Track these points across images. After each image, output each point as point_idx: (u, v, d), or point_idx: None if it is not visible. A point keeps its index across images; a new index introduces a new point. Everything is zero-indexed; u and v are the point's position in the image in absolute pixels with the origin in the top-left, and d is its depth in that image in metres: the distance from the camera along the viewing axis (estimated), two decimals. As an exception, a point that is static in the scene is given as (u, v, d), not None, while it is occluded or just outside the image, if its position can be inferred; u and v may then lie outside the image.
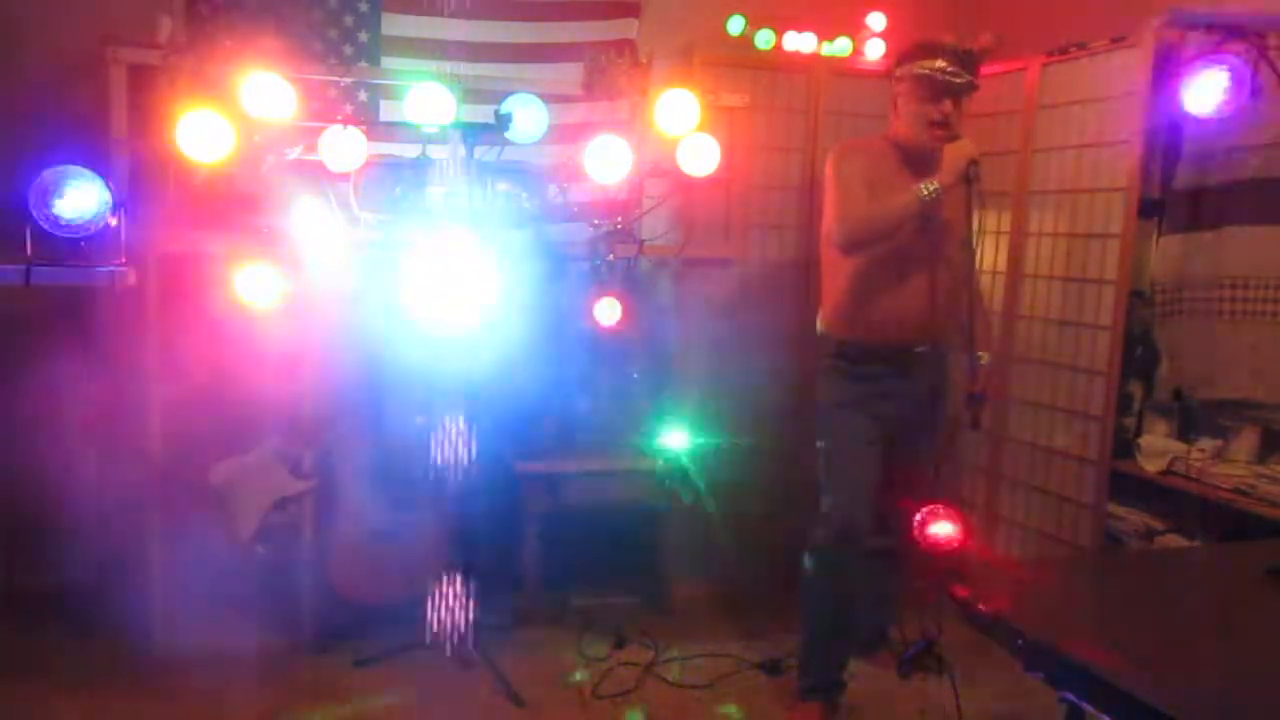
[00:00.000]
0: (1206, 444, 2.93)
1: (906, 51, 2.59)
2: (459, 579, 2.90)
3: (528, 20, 3.34)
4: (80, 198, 2.36)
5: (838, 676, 2.76)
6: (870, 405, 2.64)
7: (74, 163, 2.38)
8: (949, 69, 2.48)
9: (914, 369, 2.65)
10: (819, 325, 2.76)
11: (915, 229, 2.51)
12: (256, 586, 2.95)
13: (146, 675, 2.79)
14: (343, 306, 2.92)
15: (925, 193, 2.42)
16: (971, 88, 2.53)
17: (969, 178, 2.45)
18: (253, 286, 2.65)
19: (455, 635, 2.91)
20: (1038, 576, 1.69)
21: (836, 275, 2.67)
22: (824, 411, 2.72)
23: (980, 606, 1.55)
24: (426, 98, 2.65)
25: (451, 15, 3.23)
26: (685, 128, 2.83)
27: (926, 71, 2.49)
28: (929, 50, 2.51)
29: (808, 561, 2.69)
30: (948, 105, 2.51)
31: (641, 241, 3.24)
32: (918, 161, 2.56)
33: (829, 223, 2.61)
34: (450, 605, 2.91)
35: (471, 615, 2.90)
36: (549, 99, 2.81)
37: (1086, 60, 3.06)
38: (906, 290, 2.59)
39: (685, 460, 3.24)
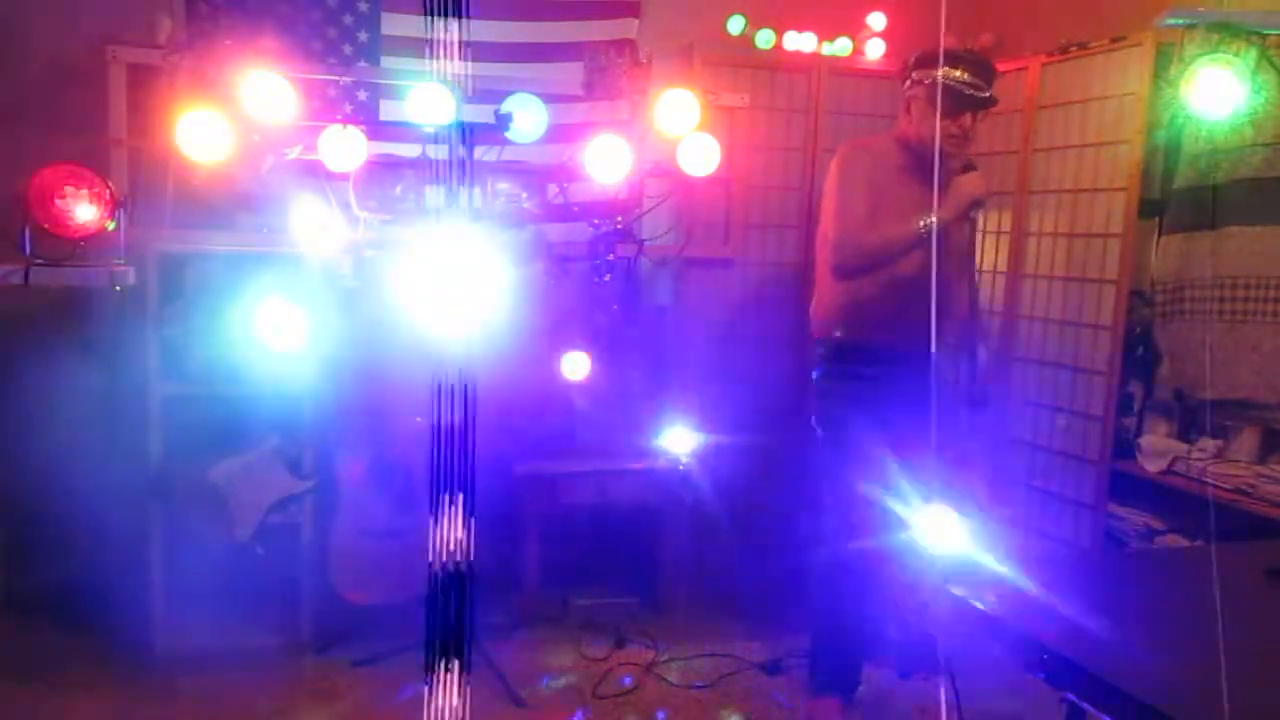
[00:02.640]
0: (1207, 444, 2.93)
1: (927, 56, 2.53)
2: (458, 579, 2.90)
3: (528, 20, 3.34)
4: (80, 197, 2.36)
5: (853, 673, 2.76)
6: (871, 406, 2.63)
7: (74, 162, 2.37)
8: (973, 82, 2.44)
9: (913, 370, 2.64)
10: (815, 326, 2.75)
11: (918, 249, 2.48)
12: (256, 586, 2.95)
13: (146, 675, 2.79)
14: (341, 306, 2.92)
15: (922, 227, 2.39)
16: (992, 103, 2.50)
17: (970, 218, 2.44)
18: (252, 286, 2.65)
19: (455, 635, 2.91)
20: (1038, 576, 1.69)
21: (833, 276, 2.66)
22: (825, 414, 2.72)
23: (980, 606, 1.55)
24: (426, 98, 2.65)
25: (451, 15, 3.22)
26: (685, 128, 2.83)
27: (950, 82, 2.44)
28: (951, 59, 2.45)
29: (817, 564, 2.69)
30: (967, 120, 2.47)
31: (641, 241, 3.24)
32: (925, 166, 2.52)
33: (825, 233, 2.59)
34: (450, 605, 2.90)
35: (471, 615, 2.90)
36: (549, 99, 2.81)
37: (1086, 60, 3.06)
38: (904, 291, 2.58)
39: (686, 460, 3.23)
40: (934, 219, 2.38)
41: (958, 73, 2.43)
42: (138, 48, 2.72)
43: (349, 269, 2.83)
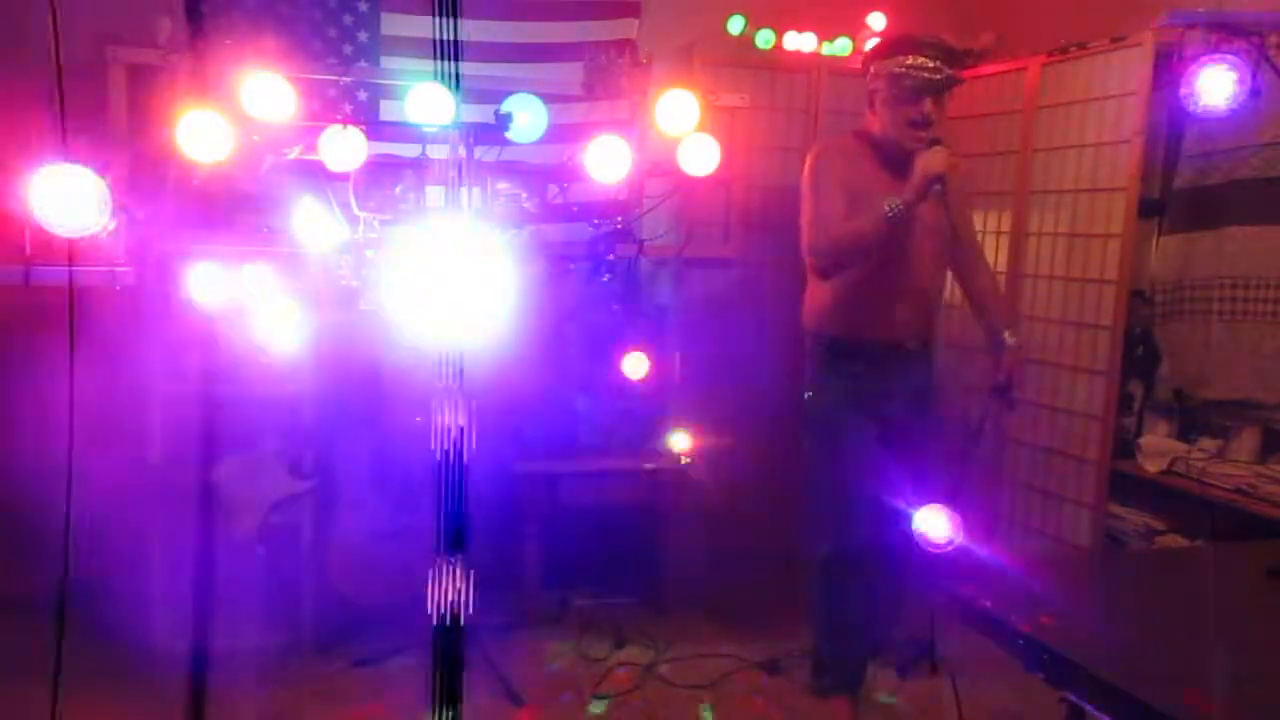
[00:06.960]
0: (1207, 444, 2.93)
1: (882, 48, 2.52)
2: (459, 579, 2.90)
3: (528, 20, 3.34)
4: (80, 198, 2.36)
5: (857, 670, 2.77)
6: (862, 404, 2.63)
7: (74, 162, 2.37)
8: (927, 65, 2.40)
9: (903, 367, 2.64)
10: (805, 324, 2.75)
11: (892, 235, 2.44)
12: (256, 586, 2.95)
13: (146, 675, 2.79)
14: (341, 306, 2.92)
15: (890, 211, 2.34)
16: (953, 82, 2.45)
17: (936, 194, 2.36)
18: (251, 286, 2.65)
19: (454, 635, 2.91)
20: (1037, 576, 1.69)
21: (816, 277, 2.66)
22: (814, 413, 2.71)
23: (980, 606, 1.55)
24: (426, 98, 2.65)
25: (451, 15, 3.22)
26: (685, 128, 2.82)
27: (903, 69, 2.42)
28: (905, 46, 2.44)
29: (812, 566, 2.69)
30: (927, 104, 2.43)
31: (641, 241, 3.24)
32: (897, 161, 2.49)
33: (805, 236, 2.58)
34: (450, 606, 2.90)
35: (471, 615, 2.90)
36: (549, 99, 2.81)
37: (1086, 60, 3.06)
38: (892, 288, 2.57)
39: (686, 460, 3.23)
40: (899, 202, 2.33)
41: (912, 59, 2.40)
42: (138, 48, 2.72)
43: (349, 269, 2.83)
